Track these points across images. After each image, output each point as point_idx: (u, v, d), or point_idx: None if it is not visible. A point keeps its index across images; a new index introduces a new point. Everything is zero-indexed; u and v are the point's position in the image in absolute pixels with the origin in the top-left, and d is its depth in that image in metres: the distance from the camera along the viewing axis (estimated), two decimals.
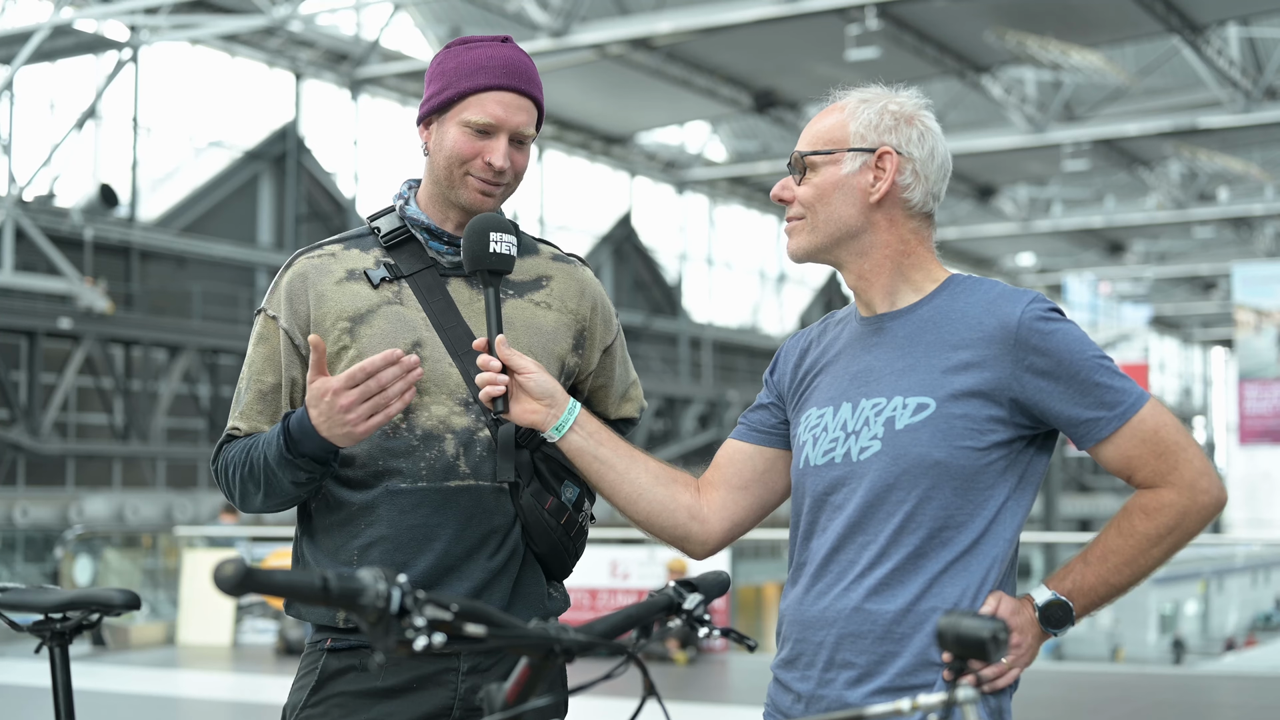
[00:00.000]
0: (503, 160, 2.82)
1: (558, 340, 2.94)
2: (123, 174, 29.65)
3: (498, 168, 2.82)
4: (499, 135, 2.83)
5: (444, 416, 2.81)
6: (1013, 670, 2.49)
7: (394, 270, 2.89)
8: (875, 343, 2.63)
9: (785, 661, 2.64)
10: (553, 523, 2.85)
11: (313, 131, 33.26)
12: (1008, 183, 43.46)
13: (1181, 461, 2.47)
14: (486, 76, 2.82)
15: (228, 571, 1.73)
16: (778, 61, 31.67)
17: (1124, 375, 2.49)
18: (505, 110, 2.83)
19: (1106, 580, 2.50)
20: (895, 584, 2.50)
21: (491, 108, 2.82)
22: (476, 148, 2.83)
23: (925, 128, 2.63)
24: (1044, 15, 28.57)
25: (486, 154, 2.83)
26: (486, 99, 2.82)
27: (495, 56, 2.85)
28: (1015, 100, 33.54)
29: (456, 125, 2.84)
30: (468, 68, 2.84)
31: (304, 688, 2.83)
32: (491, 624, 1.90)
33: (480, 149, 2.83)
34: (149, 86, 30.08)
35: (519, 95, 2.85)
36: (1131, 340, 37.44)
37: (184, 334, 28.28)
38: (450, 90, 2.85)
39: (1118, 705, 11.47)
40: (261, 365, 2.89)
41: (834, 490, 2.58)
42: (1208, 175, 42.08)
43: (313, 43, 31.86)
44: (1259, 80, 31.27)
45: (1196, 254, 53.29)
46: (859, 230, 2.62)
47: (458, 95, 2.83)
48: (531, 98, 2.87)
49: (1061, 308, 2.55)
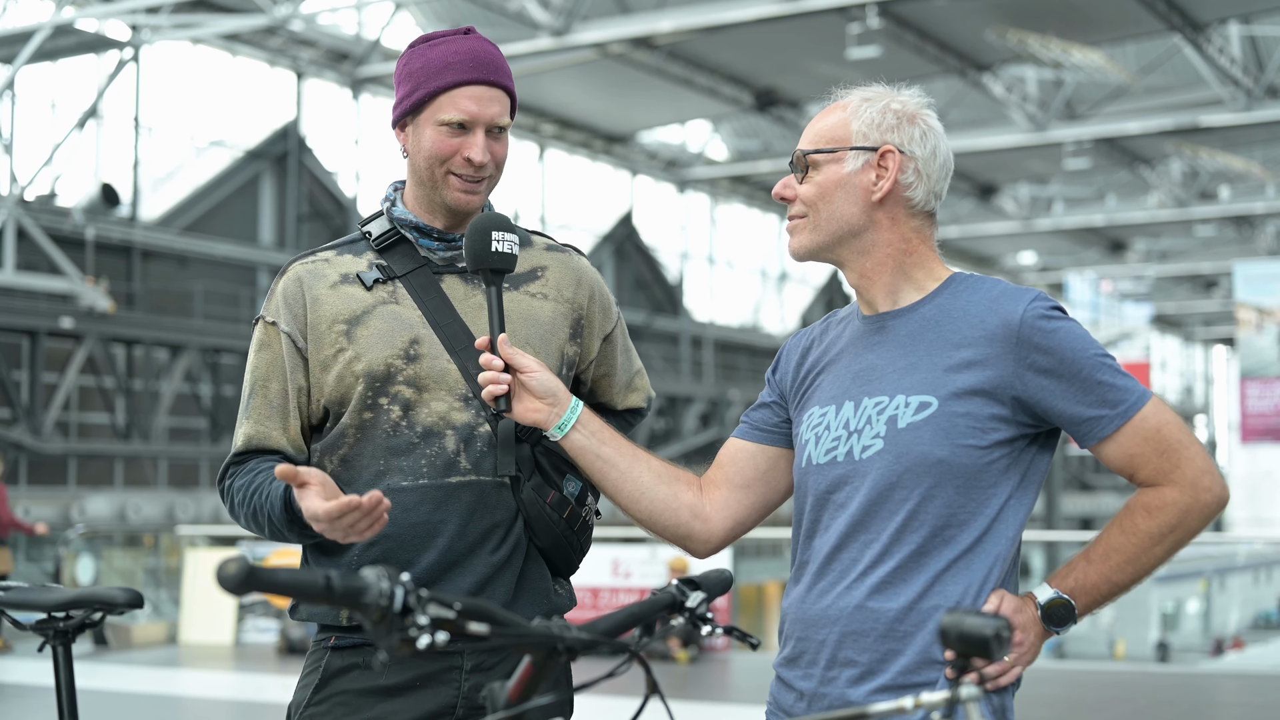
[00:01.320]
0: (482, 155, 2.83)
1: (555, 331, 2.95)
2: (124, 173, 29.66)
3: (478, 162, 2.83)
4: (475, 130, 2.83)
5: (444, 413, 2.82)
6: (1015, 668, 2.49)
7: (387, 271, 2.90)
8: (877, 341, 2.64)
9: (788, 660, 2.64)
10: (555, 516, 2.86)
11: (314, 131, 33.27)
12: (1009, 181, 43.45)
13: (1184, 460, 2.47)
14: (455, 73, 2.82)
15: (231, 570, 1.74)
16: (779, 60, 31.67)
17: (1126, 374, 2.50)
18: (478, 104, 2.83)
19: (1109, 578, 2.51)
20: (898, 582, 2.50)
21: (464, 104, 2.82)
22: (454, 145, 2.83)
23: (928, 126, 2.63)
24: (1045, 14, 28.56)
25: (465, 150, 2.83)
26: (458, 95, 2.82)
27: (460, 51, 2.85)
28: (1016, 99, 33.54)
29: (432, 125, 2.84)
30: (435, 66, 2.84)
31: (308, 686, 2.84)
32: (495, 622, 1.90)
33: (458, 146, 2.83)
34: (150, 86, 30.10)
35: (489, 87, 2.84)
36: (1133, 339, 37.38)
37: (185, 333, 28.27)
38: (420, 90, 2.85)
39: (1119, 704, 11.48)
40: (266, 371, 2.89)
41: (836, 489, 2.59)
42: (1209, 174, 42.07)
43: (314, 42, 31.87)
44: (1260, 78, 31.26)
45: (1198, 252, 53.27)
46: (861, 229, 2.63)
47: (428, 95, 2.84)
48: (502, 87, 2.87)
49: (1064, 306, 2.55)
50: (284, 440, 2.86)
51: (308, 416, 2.89)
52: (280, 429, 2.86)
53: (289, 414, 2.87)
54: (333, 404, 2.85)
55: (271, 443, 2.86)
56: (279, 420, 2.86)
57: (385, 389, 2.81)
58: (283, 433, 2.86)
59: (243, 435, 2.88)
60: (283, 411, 2.87)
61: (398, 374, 2.82)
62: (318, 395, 2.85)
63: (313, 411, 2.88)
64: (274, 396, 2.87)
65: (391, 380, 2.81)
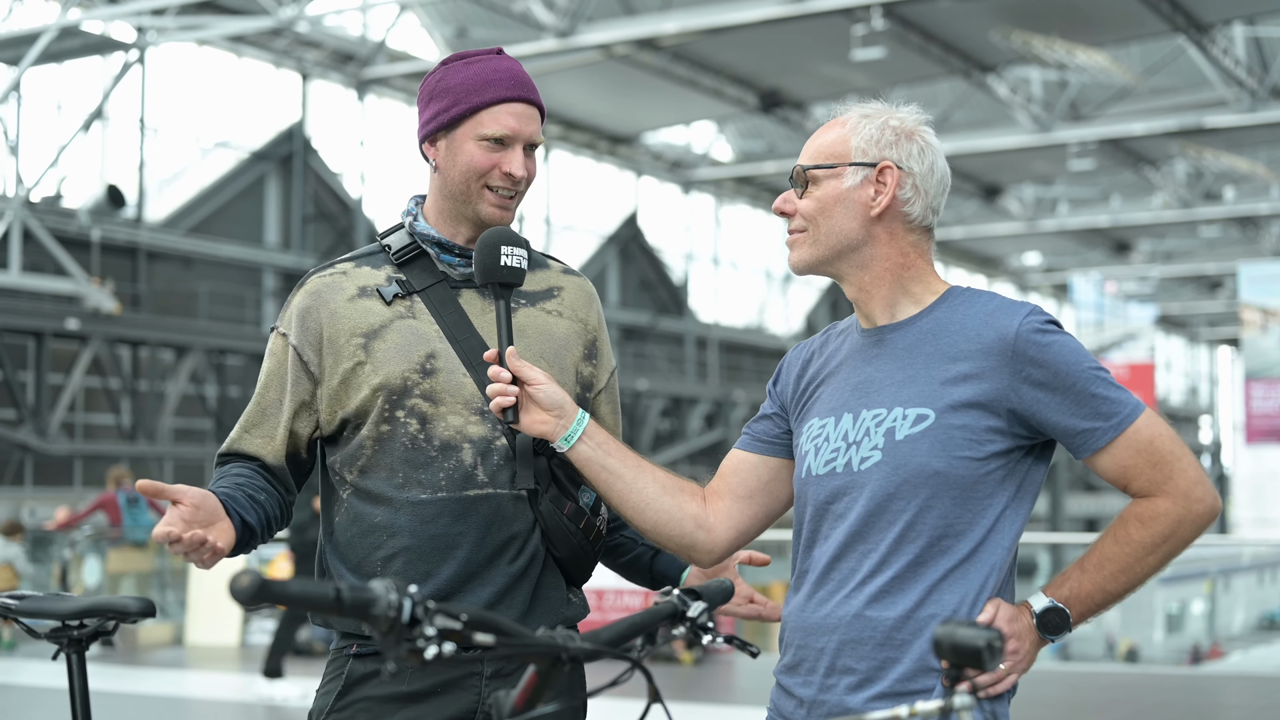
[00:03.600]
0: (521, 169, 2.91)
1: (570, 348, 3.01)
2: (130, 175, 29.72)
3: (517, 177, 2.91)
4: (515, 146, 2.91)
5: (460, 427, 2.87)
6: (1010, 676, 2.54)
7: (406, 286, 2.95)
8: (876, 354, 2.68)
9: (788, 667, 2.69)
10: (572, 527, 2.90)
11: (319, 132, 33.32)
12: (1013, 182, 43.47)
13: (1176, 471, 2.52)
14: (497, 90, 2.90)
15: (243, 583, 1.79)
16: (783, 61, 31.69)
17: (1120, 386, 2.54)
18: (519, 121, 2.91)
19: (1103, 587, 2.55)
20: (895, 591, 2.55)
21: (506, 120, 2.90)
22: (493, 159, 2.90)
23: (925, 143, 2.68)
24: (1049, 15, 28.59)
25: (504, 165, 2.90)
26: (499, 112, 2.90)
27: (499, 69, 2.93)
28: (1021, 100, 33.57)
29: (472, 140, 2.90)
30: (475, 83, 2.91)
31: (330, 692, 2.88)
32: (500, 633, 1.95)
33: (497, 160, 2.90)
34: (156, 87, 30.15)
35: (528, 105, 2.93)
36: (1138, 339, 37.36)
37: (191, 334, 28.34)
38: (460, 106, 2.91)
39: (1121, 705, 11.51)
40: (267, 380, 2.96)
41: (835, 499, 2.63)
42: (1214, 174, 42.08)
43: (319, 43, 31.92)
44: (1265, 79, 31.28)
45: (1202, 253, 53.28)
46: (860, 243, 2.67)
47: (469, 110, 2.90)
48: (537, 105, 2.97)
49: (1058, 320, 2.60)
50: (264, 449, 2.92)
51: (316, 427, 2.94)
52: (264, 437, 2.92)
53: (279, 424, 2.92)
54: (351, 416, 2.90)
55: (247, 449, 2.93)
56: (265, 429, 2.93)
57: (402, 402, 2.86)
58: (266, 441, 2.92)
59: (229, 439, 2.97)
60: (273, 421, 2.93)
61: (414, 388, 2.87)
62: (335, 407, 2.90)
63: (326, 421, 2.92)
64: (268, 405, 2.94)
65: (408, 394, 2.86)
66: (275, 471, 2.92)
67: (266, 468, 2.92)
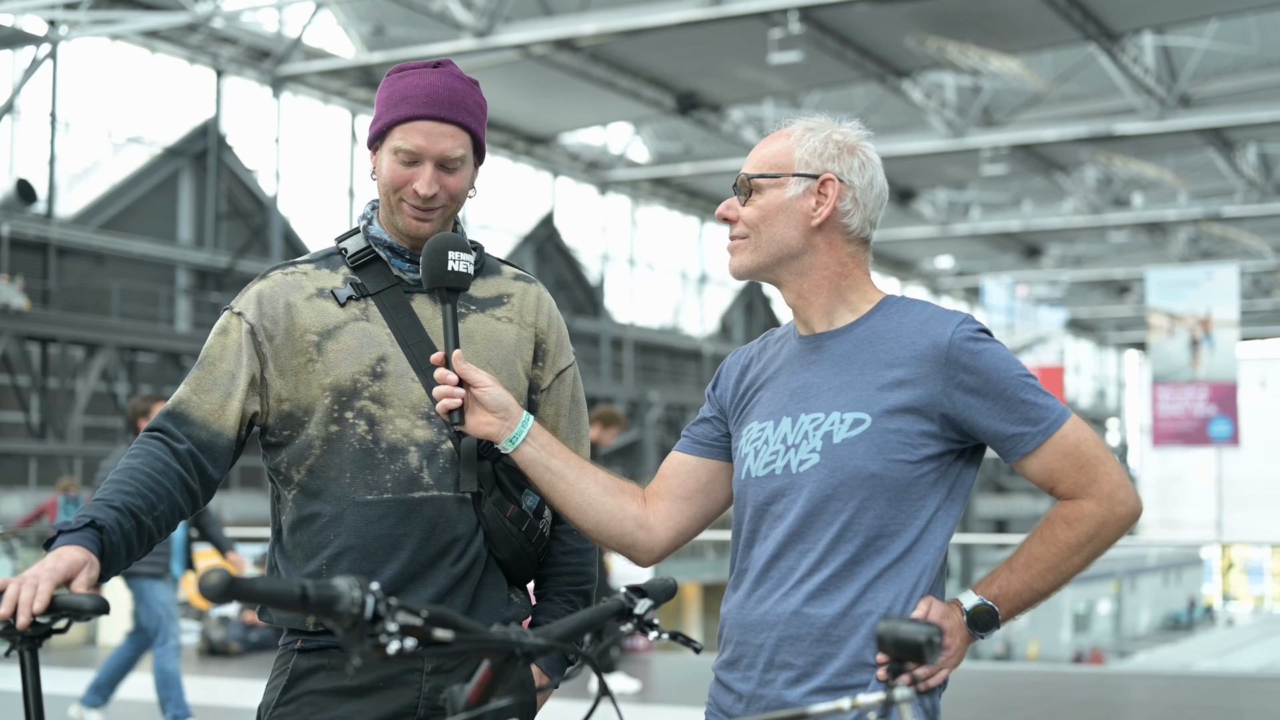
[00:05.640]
0: (427, 188, 2.91)
1: (518, 352, 3.06)
2: (40, 169, 29.29)
3: (423, 195, 2.92)
4: (424, 163, 2.93)
5: (407, 430, 2.91)
6: (943, 670, 2.63)
7: (360, 289, 2.99)
8: (814, 360, 2.77)
9: (727, 663, 2.77)
10: (514, 530, 2.96)
11: (234, 128, 33.01)
12: (927, 186, 43.87)
13: (1101, 474, 2.63)
14: (409, 106, 2.92)
15: (213, 581, 1.84)
16: (701, 64, 31.81)
17: (1047, 393, 2.64)
18: (427, 139, 2.91)
19: (1030, 586, 2.66)
20: (832, 589, 2.64)
21: (414, 137, 2.91)
22: (405, 175, 2.93)
23: (866, 158, 2.77)
24: (964, 22, 28.88)
25: (413, 181, 2.93)
26: (410, 129, 2.92)
27: (420, 85, 2.94)
28: (935, 105, 33.90)
29: (388, 154, 2.95)
30: (395, 97, 2.95)
31: (276, 688, 2.93)
32: (458, 629, 2.01)
33: (409, 176, 2.93)
34: (68, 82, 29.75)
35: (441, 123, 2.93)
36: (1047, 343, 37.88)
37: (102, 331, 27.98)
38: (381, 120, 2.96)
39: (1034, 704, 11.70)
40: (219, 354, 2.95)
41: (774, 500, 2.71)
42: (1123, 181, 42.70)
43: (234, 39, 31.64)
44: (1173, 88, 31.80)
45: (1111, 258, 54.03)
46: (799, 251, 2.75)
47: (386, 125, 2.95)
48: (457, 123, 2.95)
49: (989, 329, 2.70)
50: (210, 417, 2.89)
51: (258, 411, 2.94)
52: (214, 405, 2.90)
53: (231, 395, 2.91)
54: (296, 410, 2.92)
55: (197, 412, 2.89)
56: (215, 396, 2.91)
57: (351, 404, 2.90)
58: (215, 409, 2.90)
59: (175, 398, 2.93)
60: (225, 391, 2.91)
61: (363, 390, 2.91)
62: (283, 396, 2.93)
63: (270, 409, 2.94)
64: (220, 376, 2.93)
65: (357, 395, 2.90)
66: (209, 448, 2.89)
67: (200, 444, 2.88)
